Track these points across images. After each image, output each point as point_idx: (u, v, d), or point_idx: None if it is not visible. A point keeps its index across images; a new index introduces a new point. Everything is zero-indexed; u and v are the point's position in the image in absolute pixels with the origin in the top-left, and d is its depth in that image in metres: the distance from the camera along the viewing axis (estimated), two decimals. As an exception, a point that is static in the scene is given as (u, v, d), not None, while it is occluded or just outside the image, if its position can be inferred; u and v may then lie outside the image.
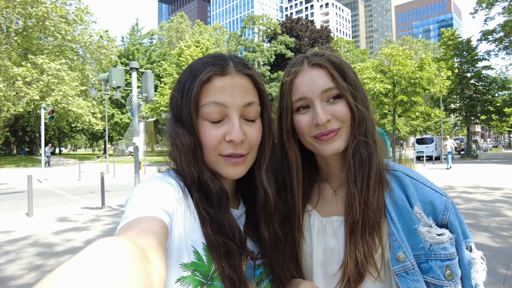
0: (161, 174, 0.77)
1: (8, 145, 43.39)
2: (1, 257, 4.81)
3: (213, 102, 0.72)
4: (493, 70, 29.04)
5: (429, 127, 51.80)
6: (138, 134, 7.91)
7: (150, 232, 0.52)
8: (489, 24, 28.31)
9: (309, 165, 0.97)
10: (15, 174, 19.10)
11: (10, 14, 22.81)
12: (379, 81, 21.65)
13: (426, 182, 0.85)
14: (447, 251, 0.78)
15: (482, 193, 9.34)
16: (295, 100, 0.85)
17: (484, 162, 22.20)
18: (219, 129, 0.73)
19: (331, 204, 0.93)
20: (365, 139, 0.84)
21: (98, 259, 0.34)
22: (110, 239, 0.39)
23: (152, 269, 0.41)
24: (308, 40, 40.75)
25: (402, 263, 0.78)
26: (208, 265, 0.69)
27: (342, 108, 0.83)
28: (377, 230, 0.81)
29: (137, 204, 0.61)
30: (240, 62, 0.78)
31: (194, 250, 0.68)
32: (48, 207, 8.78)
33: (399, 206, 0.83)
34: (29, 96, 21.43)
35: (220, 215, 0.73)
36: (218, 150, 0.74)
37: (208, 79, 0.73)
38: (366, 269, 0.79)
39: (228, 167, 0.75)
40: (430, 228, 0.79)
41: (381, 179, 0.85)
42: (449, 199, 0.83)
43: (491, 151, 43.83)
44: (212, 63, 0.74)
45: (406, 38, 69.25)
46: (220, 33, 58.18)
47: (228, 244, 0.71)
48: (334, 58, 0.85)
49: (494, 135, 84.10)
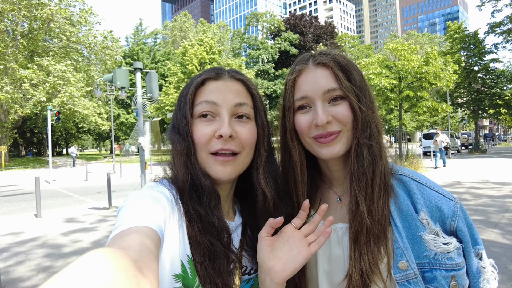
0: (154, 183, 0.77)
1: (16, 146, 43.99)
2: (11, 258, 4.86)
3: (205, 101, 0.77)
4: (501, 63, 28.57)
5: (436, 122, 51.30)
6: (143, 134, 7.93)
7: (142, 243, 0.51)
8: (496, 16, 27.81)
9: (312, 170, 0.93)
10: (24, 176, 19.33)
11: (15, 17, 23.05)
12: (385, 76, 21.46)
13: (433, 186, 0.81)
14: (453, 261, 0.74)
15: (491, 188, 9.21)
16: (296, 98, 0.83)
17: (492, 157, 21.91)
18: (210, 126, 0.76)
19: (336, 211, 0.89)
20: (369, 142, 0.80)
21: (88, 272, 0.33)
22: (100, 250, 0.38)
23: (143, 281, 0.39)
24: (312, 36, 40.53)
25: (404, 271, 0.74)
26: (192, 278, 0.68)
27: (344, 110, 0.79)
28: (382, 239, 0.78)
29: (129, 214, 0.60)
30: (235, 71, 0.84)
31: (181, 262, 0.67)
32: (56, 208, 8.87)
33: (404, 212, 0.79)
34: (36, 98, 21.66)
35: (209, 212, 0.73)
36: (208, 148, 0.76)
37: (202, 83, 0.79)
38: (372, 279, 0.76)
39: (217, 166, 0.76)
40: (436, 236, 0.75)
41: (386, 185, 0.81)
42: (457, 203, 0.79)
43: (500, 145, 43.27)
44: (208, 71, 0.81)
45: (411, 32, 68.49)
46: (224, 31, 58.15)
47: (214, 243, 0.70)
48: (340, 58, 0.83)
49: (503, 129, 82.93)
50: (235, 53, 43.13)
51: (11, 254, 5.04)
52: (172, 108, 24.98)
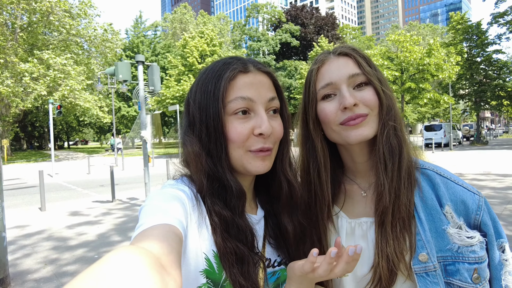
0: (174, 181, 0.77)
1: (18, 140, 44.07)
2: (18, 251, 4.92)
3: (241, 97, 0.73)
4: (504, 54, 28.33)
5: (437, 113, 51.12)
6: (145, 127, 7.93)
7: (165, 240, 0.51)
8: (500, 6, 27.38)
9: (334, 164, 0.93)
10: (26, 169, 19.42)
11: (14, 10, 22.84)
12: (387, 68, 21.30)
13: (457, 181, 0.83)
14: (476, 254, 0.75)
15: (493, 180, 9.23)
16: (321, 87, 0.85)
17: (494, 148, 21.87)
18: (246, 124, 0.74)
19: (360, 205, 0.90)
20: (394, 124, 0.82)
21: (115, 268, 0.34)
22: (125, 248, 0.39)
23: (168, 277, 0.40)
24: (313, 28, 40.16)
25: (424, 263, 0.76)
26: (218, 273, 0.69)
27: (369, 94, 0.81)
28: (407, 226, 0.79)
29: (150, 213, 0.61)
30: (258, 62, 0.81)
31: (206, 257, 0.68)
32: (60, 201, 8.94)
33: (428, 205, 0.81)
34: (36, 91, 21.59)
35: (235, 217, 0.72)
36: (247, 146, 0.74)
37: (234, 77, 0.75)
38: (398, 267, 0.77)
39: (257, 162, 0.75)
40: (460, 230, 0.77)
41: (410, 173, 0.83)
42: (482, 197, 0.80)
43: (502, 136, 43.18)
44: (233, 63, 0.77)
45: (413, 23, 67.72)
46: (224, 23, 57.63)
47: (241, 249, 0.70)
48: (358, 48, 0.88)
49: (504, 120, 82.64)
50: (235, 45, 42.81)
51: (17, 247, 5.10)
52: (173, 101, 24.89)
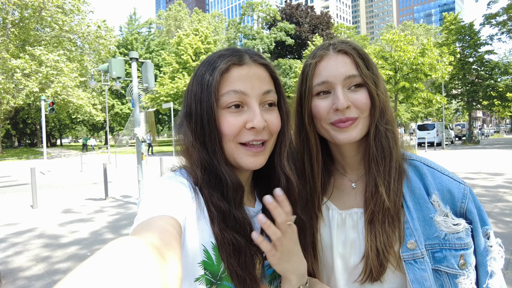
0: (173, 173, 0.77)
1: (9, 137, 43.49)
2: (9, 249, 4.86)
3: (233, 91, 0.72)
4: (496, 54, 28.70)
5: (430, 113, 51.63)
6: (139, 124, 7.89)
7: (164, 231, 0.51)
8: (492, 7, 27.77)
9: (324, 156, 0.96)
10: (18, 166, 19.18)
11: (5, 5, 22.51)
12: (381, 67, 21.42)
13: (444, 171, 0.86)
14: (462, 241, 0.78)
15: (484, 178, 9.35)
16: (316, 83, 0.85)
17: (485, 148, 22.16)
18: (239, 117, 0.73)
19: (350, 197, 0.92)
20: (387, 127, 0.84)
21: (115, 258, 0.34)
22: (125, 238, 0.39)
23: (168, 267, 0.40)
24: (308, 27, 40.24)
25: (412, 250, 0.78)
26: (217, 264, 0.69)
27: (363, 97, 0.82)
28: (396, 220, 0.82)
29: (150, 204, 0.61)
30: (255, 53, 0.79)
31: (204, 249, 0.68)
32: (52, 199, 8.84)
33: (416, 195, 0.83)
34: (28, 88, 21.33)
35: (233, 209, 0.72)
36: (237, 138, 0.73)
37: (227, 69, 0.73)
38: (387, 260, 0.80)
39: (248, 157, 0.74)
40: (446, 218, 0.79)
41: (400, 169, 0.85)
42: (467, 187, 0.83)
43: (493, 136, 43.76)
44: (229, 55, 0.75)
45: (407, 23, 68.23)
46: (219, 21, 57.43)
47: (238, 240, 0.70)
48: (358, 47, 0.87)
49: (496, 120, 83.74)
50: (230, 43, 42.72)
51: (9, 245, 5.04)
52: (167, 99, 24.76)
